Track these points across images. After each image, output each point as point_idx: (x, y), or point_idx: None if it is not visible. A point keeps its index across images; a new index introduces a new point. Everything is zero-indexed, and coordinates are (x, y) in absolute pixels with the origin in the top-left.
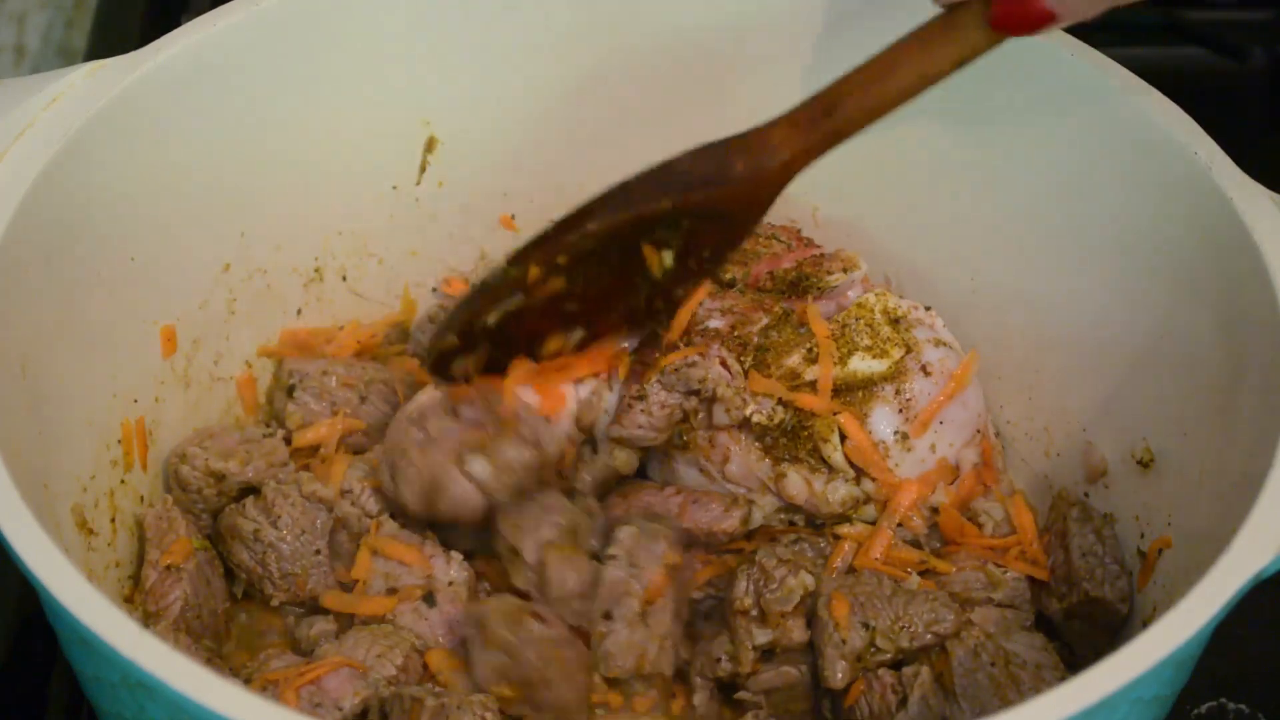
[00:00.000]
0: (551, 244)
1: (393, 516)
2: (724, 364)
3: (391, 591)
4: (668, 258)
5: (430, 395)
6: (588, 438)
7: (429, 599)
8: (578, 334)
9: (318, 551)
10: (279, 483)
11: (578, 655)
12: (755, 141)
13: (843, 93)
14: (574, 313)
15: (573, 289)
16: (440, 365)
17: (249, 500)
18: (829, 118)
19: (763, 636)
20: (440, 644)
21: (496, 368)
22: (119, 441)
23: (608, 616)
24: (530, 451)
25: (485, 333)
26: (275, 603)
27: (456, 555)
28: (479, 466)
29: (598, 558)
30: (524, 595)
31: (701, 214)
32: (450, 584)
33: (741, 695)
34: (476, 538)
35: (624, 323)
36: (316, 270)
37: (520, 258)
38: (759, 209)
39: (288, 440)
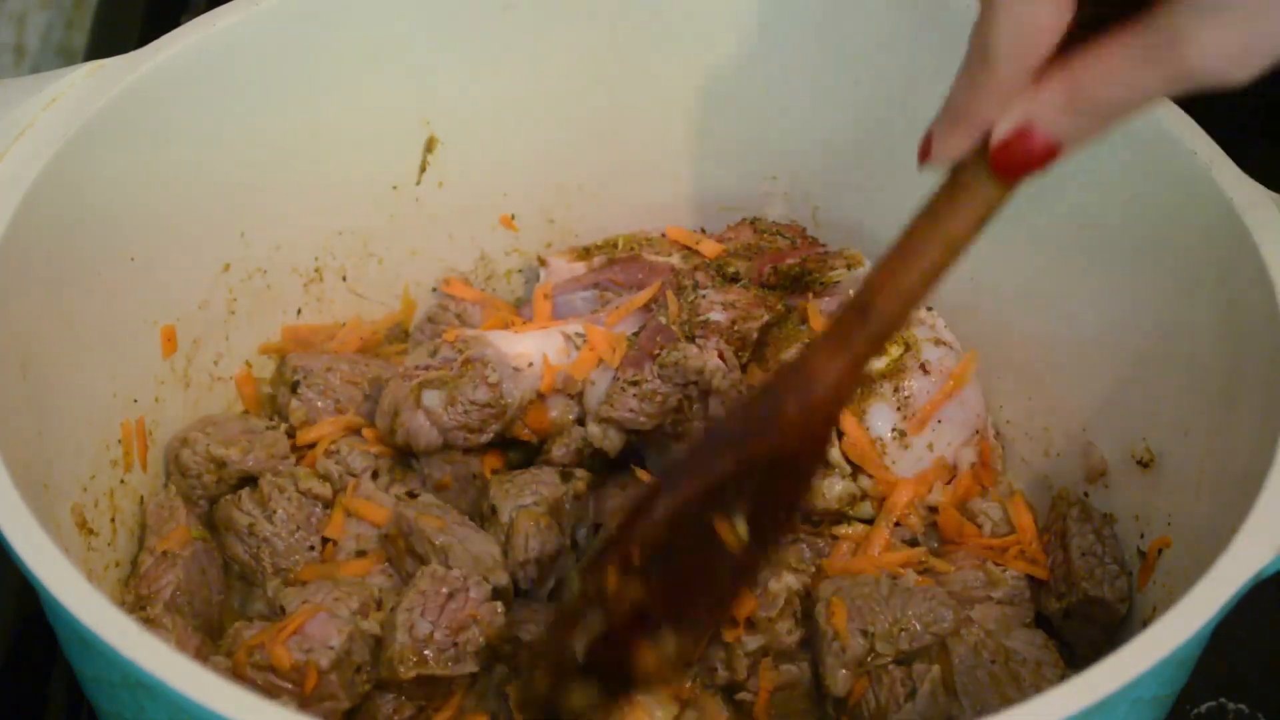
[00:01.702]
0: (620, 545)
1: (374, 477)
2: (722, 356)
3: (361, 554)
4: (741, 527)
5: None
6: (579, 416)
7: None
8: (669, 642)
9: (311, 548)
10: (276, 476)
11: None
12: (799, 378)
13: (874, 291)
14: (659, 618)
15: (652, 589)
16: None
17: (245, 492)
18: (865, 324)
19: (753, 643)
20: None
21: (603, 701)
22: (119, 441)
23: None
24: (487, 392)
25: (576, 669)
26: (268, 594)
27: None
28: (432, 398)
29: (574, 541)
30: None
31: (765, 467)
32: None
33: (743, 696)
34: (462, 495)
35: (713, 616)
36: (316, 270)
37: (592, 568)
38: (820, 445)
39: (290, 435)
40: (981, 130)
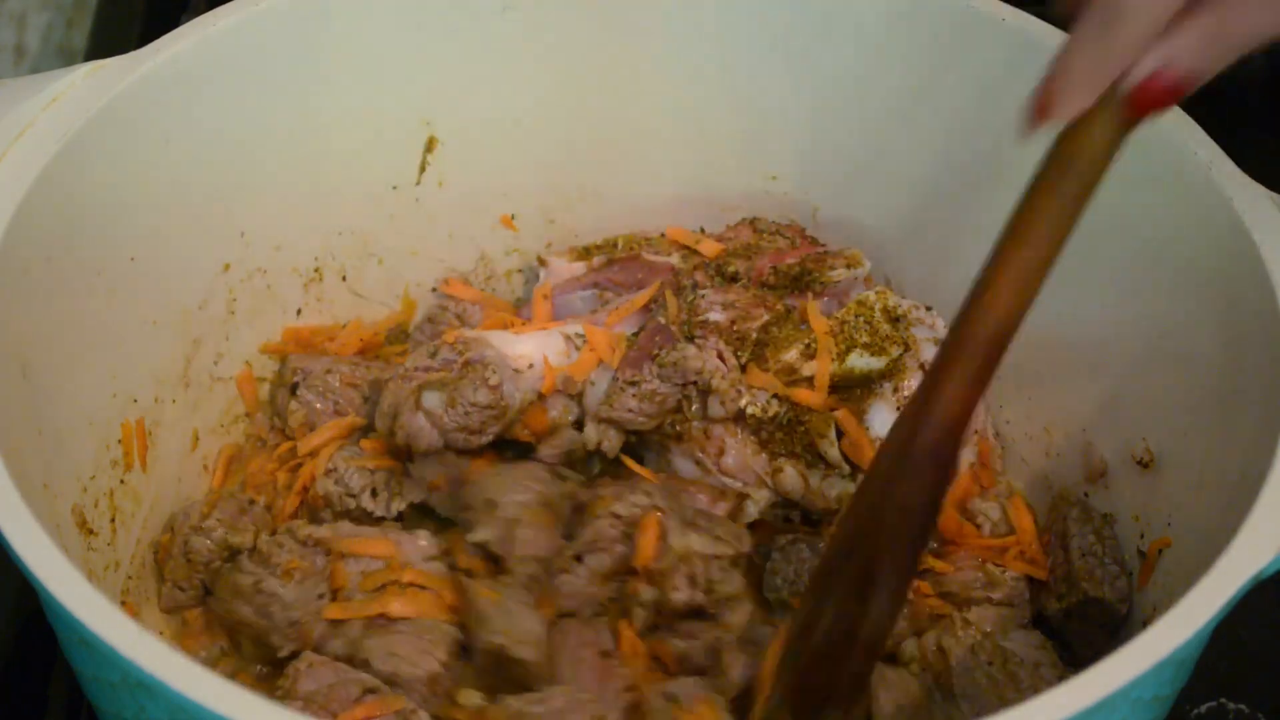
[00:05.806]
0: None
1: (374, 495)
2: (721, 356)
3: (379, 589)
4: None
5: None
6: (578, 417)
7: None
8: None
9: (321, 595)
10: (271, 535)
11: None
12: (930, 414)
13: (991, 285)
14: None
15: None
16: None
17: (243, 556)
18: (984, 327)
19: (649, 594)
20: None
21: None
22: (119, 441)
23: (578, 559)
24: (487, 394)
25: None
26: (283, 654)
27: (422, 532)
28: (432, 399)
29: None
30: (488, 553)
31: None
32: (427, 560)
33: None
34: (453, 498)
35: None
36: (316, 270)
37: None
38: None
39: (290, 436)
40: (1109, 83)
